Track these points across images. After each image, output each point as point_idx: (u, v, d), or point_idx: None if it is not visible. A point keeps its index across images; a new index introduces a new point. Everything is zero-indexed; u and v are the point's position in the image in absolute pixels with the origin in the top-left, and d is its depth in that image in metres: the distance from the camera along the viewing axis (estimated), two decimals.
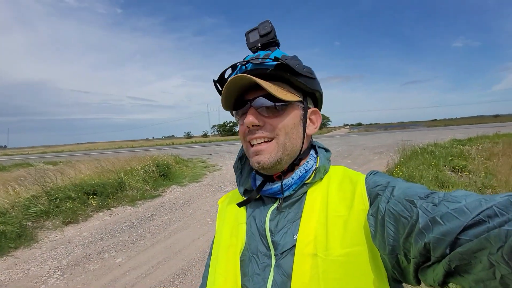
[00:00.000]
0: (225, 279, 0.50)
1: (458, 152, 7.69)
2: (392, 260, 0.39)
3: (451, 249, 0.31)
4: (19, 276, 2.97)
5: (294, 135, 0.52)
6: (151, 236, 3.87)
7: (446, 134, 16.46)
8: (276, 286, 0.45)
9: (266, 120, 0.50)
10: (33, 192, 5.09)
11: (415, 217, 0.36)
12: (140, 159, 8.63)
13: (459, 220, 0.31)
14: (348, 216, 0.45)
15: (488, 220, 0.29)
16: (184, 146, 31.27)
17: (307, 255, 0.44)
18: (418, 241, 0.34)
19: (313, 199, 0.50)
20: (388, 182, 0.45)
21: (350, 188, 0.49)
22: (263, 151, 0.50)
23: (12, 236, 3.76)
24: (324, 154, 0.57)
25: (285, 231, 0.49)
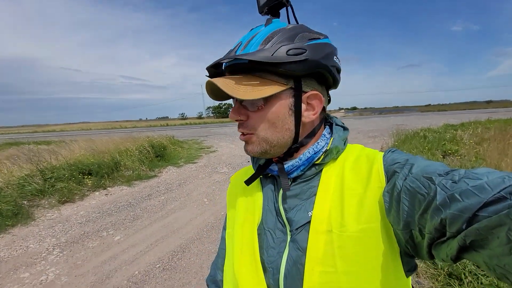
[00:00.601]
0: (241, 251, 0.52)
1: (450, 137, 7.83)
2: (406, 235, 0.40)
3: (468, 225, 0.31)
4: (19, 252, 3.01)
5: (278, 128, 0.49)
6: (149, 215, 3.92)
7: (439, 119, 16.66)
8: (291, 260, 0.47)
9: (249, 114, 0.50)
10: (27, 171, 5.04)
11: (432, 193, 0.35)
12: (135, 140, 8.55)
13: (479, 197, 0.31)
14: (364, 194, 0.45)
15: (510, 197, 0.28)
16: (178, 128, 31.00)
17: (322, 232, 0.45)
18: (434, 217, 0.34)
19: (328, 178, 0.50)
20: (406, 159, 0.44)
21: (367, 166, 0.49)
22: (247, 142, 0.52)
23: (8, 214, 3.76)
24: (340, 135, 0.54)
25: (299, 208, 0.50)
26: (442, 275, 2.00)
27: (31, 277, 2.54)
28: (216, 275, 0.62)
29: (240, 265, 0.52)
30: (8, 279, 2.52)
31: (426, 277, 2.08)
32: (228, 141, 12.68)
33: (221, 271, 0.60)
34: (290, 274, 0.46)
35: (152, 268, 2.61)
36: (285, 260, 0.47)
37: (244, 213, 0.56)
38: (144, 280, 2.44)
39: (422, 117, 25.50)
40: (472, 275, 1.90)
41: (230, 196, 0.64)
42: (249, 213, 0.56)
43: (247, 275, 0.50)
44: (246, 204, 0.57)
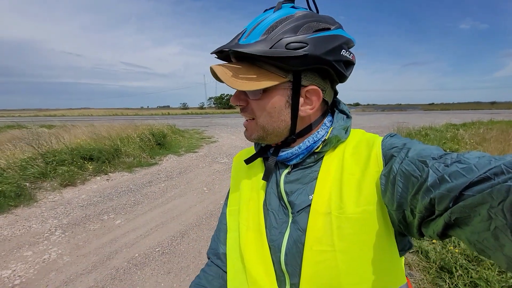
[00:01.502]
0: (247, 228, 0.55)
1: (451, 136, 7.84)
2: (399, 215, 0.42)
3: (454, 203, 0.33)
4: (21, 232, 3.08)
5: (274, 118, 0.51)
6: (149, 201, 3.98)
7: (442, 118, 16.58)
8: (292, 239, 0.50)
9: (249, 101, 0.52)
10: (29, 154, 5.09)
11: (425, 176, 0.37)
12: (136, 127, 8.57)
13: (466, 177, 0.32)
14: (362, 177, 0.47)
15: (494, 177, 0.30)
16: (180, 117, 30.95)
17: (322, 214, 0.47)
18: (425, 197, 0.36)
19: (329, 163, 0.52)
20: (404, 144, 0.45)
21: (366, 150, 0.50)
22: (247, 128, 0.55)
23: (11, 195, 3.82)
24: (341, 124, 0.54)
25: (300, 192, 0.52)
26: (433, 268, 2.06)
27: (34, 256, 2.61)
28: (218, 248, 0.64)
29: (247, 242, 0.54)
30: (12, 257, 2.59)
31: (418, 270, 2.13)
32: (229, 132, 12.69)
33: (223, 244, 0.63)
34: (291, 252, 0.49)
35: (152, 252, 2.68)
36: (286, 239, 0.50)
37: (249, 192, 0.59)
38: (143, 263, 2.50)
39: (424, 115, 25.37)
40: (462, 269, 1.95)
41: (235, 174, 0.66)
42: (254, 192, 0.58)
43: (254, 251, 0.53)
44: (251, 184, 0.60)
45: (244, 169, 0.64)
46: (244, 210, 0.57)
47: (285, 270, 0.49)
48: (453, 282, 1.89)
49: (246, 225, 0.55)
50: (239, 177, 0.64)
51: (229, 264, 0.58)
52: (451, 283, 1.90)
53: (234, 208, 0.61)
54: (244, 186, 0.61)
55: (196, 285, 0.61)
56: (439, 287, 1.91)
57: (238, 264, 0.55)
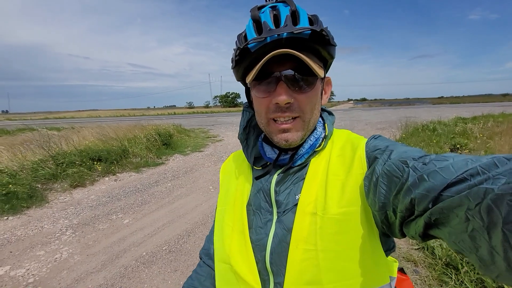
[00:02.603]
0: (232, 229, 0.56)
1: (460, 130, 7.68)
2: (382, 215, 0.43)
3: (433, 204, 0.33)
4: (34, 232, 3.18)
5: (316, 110, 0.52)
6: (156, 201, 4.05)
7: (451, 112, 16.24)
8: (277, 238, 0.50)
9: (295, 96, 0.48)
10: (40, 156, 5.23)
11: (406, 176, 0.38)
12: (143, 128, 8.69)
13: (444, 178, 0.33)
14: (346, 179, 0.48)
15: (470, 178, 0.30)
16: (185, 116, 31.16)
17: (307, 214, 0.48)
18: (406, 197, 0.37)
19: (317, 164, 0.53)
20: (387, 146, 0.46)
21: (351, 152, 0.51)
22: (291, 129, 0.50)
23: (23, 197, 3.95)
24: (330, 119, 0.58)
25: (288, 192, 0.53)
26: (439, 264, 2.04)
27: (46, 255, 2.70)
28: (210, 249, 0.65)
29: (231, 242, 0.55)
30: (25, 256, 2.69)
31: (424, 266, 2.12)
32: (235, 130, 12.73)
33: (213, 244, 0.63)
34: (276, 251, 0.50)
35: (159, 250, 2.73)
36: (271, 238, 0.51)
37: (234, 193, 0.60)
38: (151, 261, 2.56)
39: (433, 109, 24.88)
40: (469, 266, 1.93)
41: (224, 177, 0.68)
42: (239, 192, 0.59)
43: (238, 252, 0.54)
44: (237, 185, 0.61)
45: (233, 171, 0.65)
46: (230, 211, 0.58)
47: (270, 269, 0.50)
48: (459, 279, 1.87)
49: (231, 226, 0.56)
50: (228, 179, 0.65)
51: (216, 264, 0.59)
52: (457, 279, 1.88)
53: (221, 209, 0.62)
54: (232, 187, 0.62)
55: (189, 286, 0.62)
56: (445, 284, 1.90)
57: (222, 265, 0.56)
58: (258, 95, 0.51)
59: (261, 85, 0.50)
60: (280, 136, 0.51)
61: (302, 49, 0.46)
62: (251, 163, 0.60)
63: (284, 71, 0.47)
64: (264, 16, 0.47)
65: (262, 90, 0.50)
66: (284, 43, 0.45)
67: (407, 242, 2.50)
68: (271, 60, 0.46)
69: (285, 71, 0.47)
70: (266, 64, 0.47)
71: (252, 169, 0.61)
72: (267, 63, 0.47)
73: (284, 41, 0.45)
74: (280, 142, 0.51)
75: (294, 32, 0.44)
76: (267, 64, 0.47)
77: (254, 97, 0.53)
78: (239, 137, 0.63)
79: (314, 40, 0.46)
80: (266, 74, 0.48)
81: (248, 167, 0.62)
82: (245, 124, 0.62)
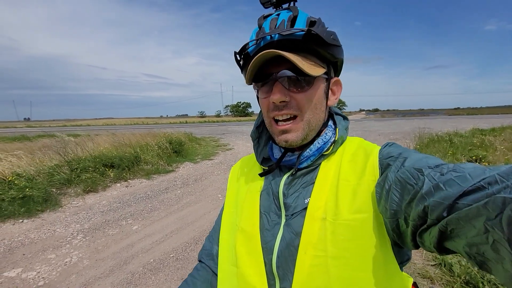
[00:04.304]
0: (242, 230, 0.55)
1: (479, 142, 7.38)
2: (393, 223, 0.41)
3: (449, 213, 0.32)
4: (47, 235, 3.25)
5: (318, 109, 0.52)
6: (165, 208, 4.07)
7: (468, 123, 15.72)
8: (284, 241, 0.49)
9: (292, 95, 0.49)
10: (56, 161, 5.41)
11: (420, 184, 0.37)
12: (155, 136, 8.87)
13: (460, 186, 0.32)
14: (357, 185, 0.47)
15: (488, 186, 0.29)
16: (197, 125, 31.65)
17: (317, 219, 0.47)
18: (419, 205, 0.36)
19: (327, 168, 0.52)
20: (400, 153, 0.45)
21: (363, 159, 0.50)
22: (290, 130, 0.51)
23: (39, 200, 4.06)
24: (343, 124, 0.57)
25: (297, 195, 0.52)
26: (458, 282, 1.92)
27: (57, 258, 2.74)
28: (212, 249, 0.64)
29: (241, 244, 0.54)
30: (37, 259, 2.74)
31: (441, 284, 2.00)
32: (245, 139, 12.78)
33: (217, 245, 0.62)
34: (283, 255, 0.49)
35: (166, 257, 2.72)
36: (279, 241, 0.50)
37: (244, 195, 0.59)
38: (158, 268, 2.55)
39: (449, 120, 24.21)
40: (491, 285, 1.81)
41: (233, 178, 0.67)
42: (249, 194, 0.58)
43: (247, 254, 0.53)
44: (247, 188, 0.60)
45: (242, 174, 0.65)
46: (240, 213, 0.58)
47: (276, 273, 0.49)
48: None
49: (240, 227, 0.56)
50: (237, 181, 0.65)
51: (220, 266, 0.58)
52: None
53: (231, 211, 0.61)
54: (242, 190, 0.61)
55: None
56: None
57: (229, 267, 0.55)
58: (260, 96, 0.54)
59: (263, 86, 0.52)
60: (280, 137, 0.52)
61: (297, 50, 0.48)
62: (259, 162, 0.60)
63: (279, 71, 0.48)
64: (265, 23, 0.50)
65: (263, 91, 0.53)
66: (276, 45, 0.47)
67: (422, 257, 2.38)
68: (270, 63, 0.49)
69: (281, 72, 0.48)
70: (265, 67, 0.50)
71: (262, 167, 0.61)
72: (266, 65, 0.49)
73: (276, 43, 0.47)
74: (281, 143, 0.53)
75: (283, 34, 0.46)
76: (267, 66, 0.50)
77: (259, 99, 0.55)
78: (251, 135, 0.64)
79: (309, 41, 0.47)
80: (266, 76, 0.50)
81: (259, 170, 0.61)
82: (259, 123, 0.63)
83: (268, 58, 0.47)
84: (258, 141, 0.63)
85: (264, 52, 0.45)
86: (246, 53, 0.51)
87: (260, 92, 0.53)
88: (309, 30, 0.45)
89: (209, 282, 0.61)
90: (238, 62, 0.54)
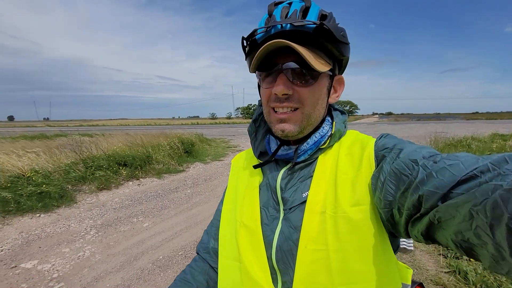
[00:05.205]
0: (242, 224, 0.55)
1: (498, 147, 7.09)
2: (387, 214, 0.41)
3: (443, 202, 0.32)
4: (62, 230, 3.36)
5: (319, 105, 0.51)
6: (175, 206, 4.13)
7: (487, 128, 15.14)
8: (283, 236, 0.49)
9: (295, 88, 0.48)
10: (72, 159, 5.60)
11: (415, 174, 0.37)
12: (167, 136, 9.03)
13: (453, 175, 0.32)
14: (355, 178, 0.47)
15: (480, 175, 0.30)
16: (208, 126, 32.01)
17: (316, 213, 0.47)
18: (413, 195, 0.36)
19: (324, 162, 0.52)
20: (395, 144, 0.45)
21: (359, 151, 0.50)
22: (288, 120, 0.50)
23: (55, 196, 4.21)
24: (340, 118, 0.56)
25: (294, 189, 0.51)
26: None
27: (70, 252, 2.83)
28: (208, 243, 0.64)
29: (243, 238, 0.53)
30: (52, 252, 2.83)
31: None
32: None
33: (214, 239, 0.62)
34: (282, 249, 0.48)
35: (175, 255, 2.75)
36: (277, 235, 0.49)
37: (244, 190, 0.59)
38: (167, 265, 2.58)
39: (466, 125, 23.40)
40: None
41: (233, 174, 0.67)
42: (249, 189, 0.58)
43: (249, 248, 0.52)
44: (248, 182, 0.60)
45: (242, 168, 0.64)
46: (240, 208, 0.57)
47: (276, 267, 0.48)
48: None
49: (242, 222, 0.55)
50: (236, 176, 0.65)
51: (221, 262, 0.57)
52: None
53: (230, 206, 0.61)
54: (241, 185, 0.61)
55: (181, 279, 0.60)
56: None
57: (231, 263, 0.54)
58: (263, 85, 0.53)
59: (267, 76, 0.51)
60: (278, 126, 0.51)
61: (307, 43, 0.47)
62: (257, 156, 0.60)
63: (286, 63, 0.48)
64: (276, 10, 0.49)
65: (266, 81, 0.51)
66: (286, 35, 0.46)
67: (436, 264, 2.31)
68: (277, 53, 0.48)
69: (287, 64, 0.47)
70: (272, 56, 0.49)
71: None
72: (273, 55, 0.48)
73: (287, 33, 0.46)
74: (277, 132, 0.52)
75: (294, 24, 0.45)
76: (273, 56, 0.48)
77: (261, 88, 0.55)
78: (248, 129, 0.63)
79: (320, 35, 0.46)
80: (271, 66, 0.49)
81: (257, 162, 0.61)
82: (256, 117, 0.62)
83: (276, 48, 0.46)
84: (256, 135, 0.62)
85: (275, 41, 0.44)
86: (254, 40, 0.50)
87: (263, 81, 0.53)
88: (321, 24, 0.44)
89: (206, 273, 0.61)
90: (244, 48, 0.53)
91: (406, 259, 2.39)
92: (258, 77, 0.54)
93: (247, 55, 0.53)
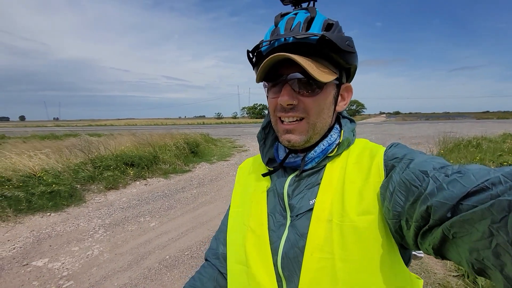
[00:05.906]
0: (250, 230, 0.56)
1: (510, 148, 6.91)
2: (396, 225, 0.41)
3: (453, 214, 0.32)
4: (71, 229, 3.43)
5: (325, 114, 0.52)
6: (181, 206, 4.17)
7: (498, 128, 14.78)
8: (289, 243, 0.49)
9: (300, 98, 0.49)
10: (81, 159, 5.71)
11: (425, 185, 0.36)
12: (173, 136, 9.11)
13: (463, 186, 0.31)
14: (363, 186, 0.46)
15: (491, 187, 0.29)
16: (214, 126, 32.15)
17: (323, 220, 0.47)
18: (422, 205, 0.35)
19: (332, 170, 0.52)
20: (405, 154, 0.45)
21: (369, 160, 0.50)
22: (294, 130, 0.51)
23: (65, 196, 4.31)
24: (349, 126, 0.57)
25: (301, 196, 0.51)
26: None
27: (79, 251, 2.89)
28: (218, 248, 0.64)
29: (250, 244, 0.54)
30: (62, 250, 2.90)
31: None
32: None
33: (222, 245, 0.63)
34: (287, 256, 0.48)
35: (181, 255, 2.78)
36: (284, 242, 0.50)
37: (252, 195, 0.59)
38: (173, 265, 2.61)
39: (477, 124, 22.91)
40: None
41: (241, 176, 0.68)
42: (256, 195, 0.58)
43: (256, 254, 0.53)
44: (255, 187, 0.60)
45: (249, 173, 0.65)
46: (248, 213, 0.58)
47: (282, 274, 0.49)
48: None
49: (248, 226, 0.56)
50: (244, 181, 0.65)
51: (229, 265, 0.58)
52: None
53: (238, 210, 0.61)
54: (248, 190, 0.62)
55: (190, 286, 0.61)
56: None
57: (238, 266, 0.55)
58: (269, 95, 0.54)
59: (273, 86, 0.53)
60: (284, 137, 0.52)
61: (310, 54, 0.48)
62: (265, 163, 0.60)
63: (290, 74, 0.49)
64: (281, 22, 0.50)
65: (272, 91, 0.53)
66: (289, 47, 0.48)
67: (444, 267, 2.27)
68: (282, 64, 0.49)
69: (291, 74, 0.48)
70: (277, 67, 0.50)
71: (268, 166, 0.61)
72: (279, 66, 0.50)
73: (290, 46, 0.48)
74: (284, 142, 0.53)
75: (297, 37, 0.46)
76: (278, 66, 0.50)
77: (268, 98, 0.56)
78: (257, 135, 0.64)
79: (323, 46, 0.47)
80: (277, 76, 0.51)
81: (264, 171, 0.61)
82: (265, 125, 0.63)
83: (280, 60, 0.48)
84: (264, 142, 0.63)
85: (276, 55, 0.46)
86: (259, 52, 0.52)
87: (269, 91, 0.54)
88: (323, 36, 0.45)
89: (214, 279, 0.62)
90: (250, 59, 0.55)
91: (414, 262, 2.36)
92: (265, 87, 0.55)
93: (254, 65, 0.55)
